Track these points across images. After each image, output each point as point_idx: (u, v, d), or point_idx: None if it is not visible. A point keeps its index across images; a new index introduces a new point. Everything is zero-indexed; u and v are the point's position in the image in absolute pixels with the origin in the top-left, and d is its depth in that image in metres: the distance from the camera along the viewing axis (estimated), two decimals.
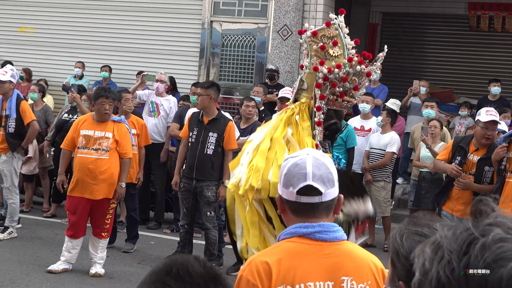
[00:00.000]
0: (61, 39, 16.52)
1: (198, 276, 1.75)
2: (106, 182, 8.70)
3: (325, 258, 2.85)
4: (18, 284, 8.27)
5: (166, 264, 1.80)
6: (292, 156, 2.94)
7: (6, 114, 10.30)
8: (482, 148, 8.07)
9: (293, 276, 2.78)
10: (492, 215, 1.43)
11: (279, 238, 2.94)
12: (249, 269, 2.80)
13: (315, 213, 2.87)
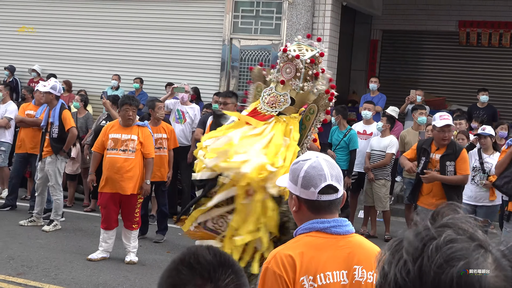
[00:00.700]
0: (99, 54, 16.57)
1: (207, 263, 1.78)
2: (133, 179, 8.74)
3: (340, 250, 2.87)
4: (62, 270, 8.31)
5: (182, 254, 1.84)
6: (303, 160, 2.94)
7: (51, 121, 10.38)
8: (442, 148, 8.30)
9: (314, 267, 2.79)
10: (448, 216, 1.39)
11: (296, 233, 2.93)
12: (274, 261, 2.79)
13: (331, 209, 2.91)
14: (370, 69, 17.89)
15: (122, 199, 8.79)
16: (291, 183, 2.94)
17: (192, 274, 1.77)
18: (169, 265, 1.84)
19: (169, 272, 1.81)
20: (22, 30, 17.50)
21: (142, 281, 8.09)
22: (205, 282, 1.76)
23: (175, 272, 1.79)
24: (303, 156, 3.02)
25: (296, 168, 2.92)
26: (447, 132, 8.20)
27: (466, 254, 1.29)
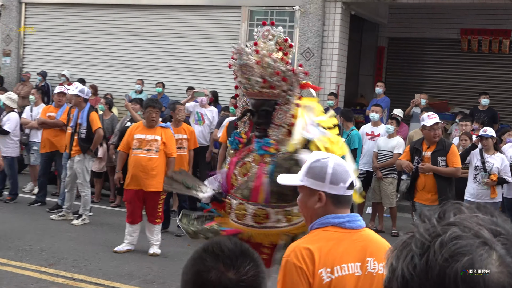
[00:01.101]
0: (124, 60, 16.64)
1: (229, 251, 1.83)
2: (156, 177, 8.75)
3: (354, 243, 2.86)
4: (90, 261, 8.34)
5: (206, 244, 1.89)
6: (322, 158, 2.93)
7: (79, 122, 10.42)
8: (432, 145, 8.51)
9: (332, 259, 2.79)
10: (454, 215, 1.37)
11: (312, 227, 2.92)
12: (294, 254, 2.79)
13: (348, 203, 2.94)
14: (377, 74, 17.84)
15: (146, 195, 8.81)
16: (313, 181, 2.89)
17: (216, 261, 1.81)
18: (193, 255, 1.88)
19: (193, 261, 1.85)
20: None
21: (165, 271, 8.10)
22: (227, 268, 1.80)
23: (200, 260, 1.83)
24: (316, 155, 2.99)
25: (321, 166, 2.88)
26: (437, 130, 8.43)
27: (470, 250, 1.27)
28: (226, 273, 1.79)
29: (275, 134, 5.40)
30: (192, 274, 1.83)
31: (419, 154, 8.56)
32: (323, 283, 2.76)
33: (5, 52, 18.14)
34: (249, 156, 5.43)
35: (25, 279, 7.46)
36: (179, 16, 15.98)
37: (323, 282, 2.77)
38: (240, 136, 5.57)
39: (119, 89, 16.08)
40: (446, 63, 17.55)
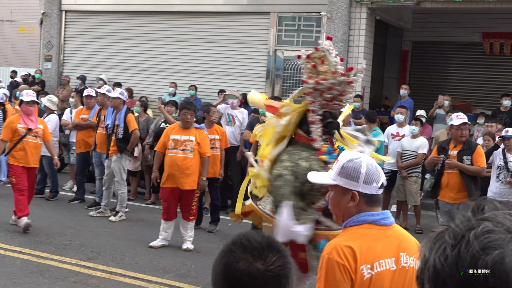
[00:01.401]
0: (158, 65, 16.71)
1: (257, 243, 1.83)
2: (191, 176, 8.75)
3: (388, 239, 2.84)
4: (127, 256, 8.36)
5: (234, 238, 1.90)
6: (355, 158, 2.88)
7: (117, 123, 10.47)
8: (459, 144, 8.44)
9: (371, 256, 2.76)
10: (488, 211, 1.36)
11: (347, 224, 2.88)
12: (336, 252, 2.74)
13: (380, 202, 2.90)
14: (401, 77, 17.67)
15: (181, 193, 8.81)
16: (347, 180, 2.85)
17: (244, 252, 1.81)
18: (222, 248, 1.89)
19: (223, 253, 1.86)
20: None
21: (197, 266, 8.09)
22: (255, 259, 1.80)
23: (229, 252, 1.84)
24: (350, 154, 2.94)
25: (354, 166, 2.84)
26: (464, 130, 8.38)
27: (502, 244, 1.26)
28: (254, 263, 1.80)
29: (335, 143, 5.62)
30: (221, 266, 1.84)
31: (445, 153, 8.49)
32: (364, 279, 2.74)
33: (47, 57, 18.34)
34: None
35: (66, 272, 7.51)
36: (210, 22, 16.00)
37: (364, 278, 2.74)
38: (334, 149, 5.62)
39: (153, 92, 16.16)
40: (469, 66, 17.34)
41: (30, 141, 9.41)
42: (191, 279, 7.54)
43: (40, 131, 9.54)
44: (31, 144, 9.41)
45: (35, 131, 9.45)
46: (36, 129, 9.47)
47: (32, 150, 9.41)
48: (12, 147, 9.34)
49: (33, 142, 9.45)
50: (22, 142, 9.34)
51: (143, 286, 7.19)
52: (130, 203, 11.54)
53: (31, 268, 7.57)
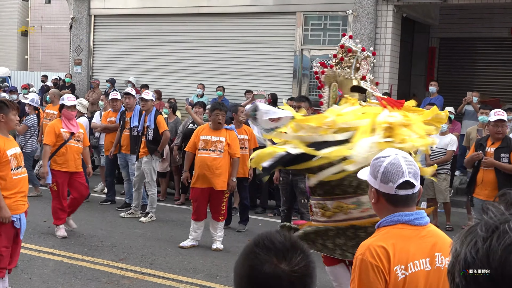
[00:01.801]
0: (186, 66, 16.77)
1: (281, 244, 1.82)
2: (221, 176, 8.73)
3: (423, 239, 2.80)
4: (158, 256, 8.38)
5: (256, 238, 1.88)
6: (383, 156, 2.85)
7: (147, 125, 10.50)
8: (497, 142, 8.24)
9: (405, 256, 2.72)
10: None
11: (380, 224, 2.85)
12: (369, 253, 2.72)
13: (408, 203, 2.83)
14: (428, 74, 17.47)
15: (211, 193, 8.80)
16: (371, 177, 2.87)
17: (269, 254, 1.80)
18: (244, 250, 1.87)
19: (246, 256, 1.84)
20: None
21: (227, 266, 8.07)
22: (280, 260, 1.79)
23: (253, 255, 1.82)
24: (383, 152, 2.91)
25: (376, 164, 2.85)
26: (501, 127, 8.16)
27: None
28: (279, 265, 1.78)
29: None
30: (246, 268, 1.82)
31: (482, 149, 8.34)
32: (398, 280, 2.70)
33: (77, 61, 18.51)
34: None
35: (97, 273, 7.55)
36: (237, 23, 16.00)
37: (398, 279, 2.70)
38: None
39: (181, 93, 16.21)
40: (497, 62, 17.10)
41: (73, 145, 9.30)
42: (221, 279, 7.52)
43: (82, 135, 9.49)
44: (73, 149, 9.29)
45: (77, 135, 9.36)
46: (78, 133, 9.39)
47: (74, 155, 9.30)
48: (54, 152, 9.20)
49: (76, 147, 9.34)
50: (65, 147, 9.22)
51: (174, 286, 7.20)
52: (160, 204, 11.57)
53: (63, 270, 7.62)
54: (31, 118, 12.40)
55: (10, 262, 6.36)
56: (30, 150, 12.33)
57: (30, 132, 12.31)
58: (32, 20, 41.27)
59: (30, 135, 12.33)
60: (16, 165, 6.16)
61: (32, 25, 41.25)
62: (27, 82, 24.99)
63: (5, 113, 6.14)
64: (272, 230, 1.89)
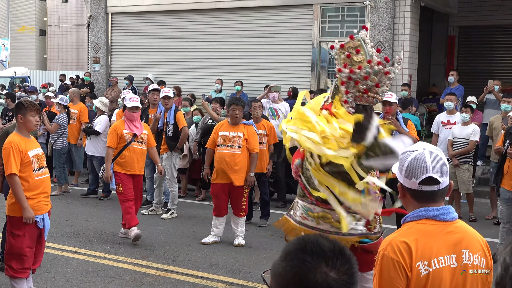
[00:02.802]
0: (203, 62, 16.76)
1: (329, 250, 1.74)
2: (239, 172, 8.70)
3: (448, 235, 2.72)
4: (180, 253, 8.39)
5: (299, 243, 1.77)
6: (411, 150, 2.79)
7: (167, 121, 10.51)
8: None
9: (428, 252, 2.66)
10: None
11: (405, 220, 2.79)
12: (391, 248, 2.66)
13: (434, 199, 2.76)
14: (448, 63, 17.31)
15: (231, 189, 8.79)
16: (398, 172, 2.83)
17: (318, 261, 1.72)
18: (287, 254, 1.77)
19: (291, 262, 1.75)
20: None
21: (250, 261, 8.06)
22: (330, 269, 1.72)
23: (300, 262, 1.73)
24: (412, 146, 2.86)
25: (402, 158, 2.80)
26: None
27: None
28: (329, 273, 1.72)
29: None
30: (293, 275, 1.74)
31: (511, 138, 8.22)
32: (421, 276, 2.64)
33: (95, 59, 18.59)
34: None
35: (121, 271, 7.57)
36: (254, 17, 15.95)
37: (421, 275, 2.64)
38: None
39: (200, 89, 16.21)
40: None
41: (136, 147, 9.00)
42: (244, 275, 7.51)
43: (146, 136, 9.15)
44: (137, 151, 8.99)
45: (140, 137, 9.05)
46: (142, 135, 9.08)
47: (138, 157, 9.00)
48: (118, 154, 8.96)
49: (139, 148, 9.03)
50: (128, 149, 8.95)
51: (197, 283, 7.19)
52: (181, 200, 11.58)
53: (87, 268, 7.66)
54: (61, 117, 12.67)
55: (34, 262, 6.39)
56: (60, 147, 12.66)
57: (61, 130, 12.61)
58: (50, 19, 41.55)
59: (61, 133, 12.61)
60: (38, 166, 6.18)
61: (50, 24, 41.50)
62: (47, 81, 25.15)
63: (23, 114, 6.15)
64: (316, 235, 1.82)
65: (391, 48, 13.95)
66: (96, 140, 12.18)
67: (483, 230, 9.82)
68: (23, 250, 6.15)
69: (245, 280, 7.29)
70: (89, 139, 12.29)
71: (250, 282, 7.22)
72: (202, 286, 7.10)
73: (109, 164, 8.94)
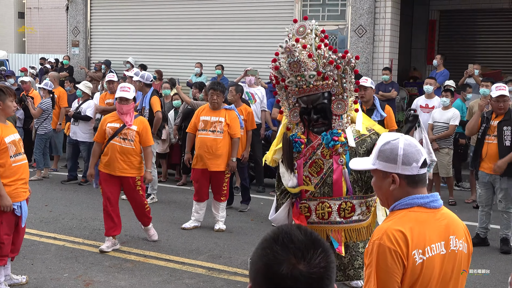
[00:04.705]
0: (184, 45, 16.64)
1: (300, 242, 1.72)
2: (221, 157, 8.67)
3: (438, 222, 2.73)
4: (160, 238, 8.36)
5: (274, 233, 1.77)
6: (392, 139, 2.76)
7: (143, 106, 10.45)
8: (500, 115, 8.18)
9: (423, 240, 2.66)
10: None
11: (395, 207, 2.76)
12: (387, 237, 2.63)
13: (423, 182, 2.78)
14: (429, 47, 17.33)
15: (212, 174, 8.75)
16: (386, 163, 2.75)
17: (287, 253, 1.70)
18: (262, 244, 1.77)
19: (263, 251, 1.74)
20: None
21: (230, 246, 8.06)
22: (298, 260, 1.69)
23: (269, 251, 1.72)
24: (387, 136, 2.82)
25: (391, 148, 2.74)
26: (502, 102, 8.09)
27: None
28: (297, 266, 1.68)
29: (339, 124, 5.27)
30: (262, 265, 1.72)
31: (487, 122, 8.30)
32: (416, 264, 2.64)
33: (74, 43, 18.38)
34: (315, 154, 5.25)
35: (100, 257, 7.53)
36: (234, 0, 15.84)
37: (416, 264, 2.64)
38: (300, 137, 5.37)
39: (180, 73, 16.09)
40: (498, 33, 16.98)
41: (116, 144, 7.74)
42: (224, 260, 7.50)
43: (132, 133, 7.79)
44: (116, 148, 7.72)
45: (124, 132, 7.77)
46: (126, 130, 7.78)
47: (119, 156, 7.73)
48: (103, 150, 7.90)
49: (119, 146, 7.73)
50: (109, 145, 7.77)
51: (177, 268, 7.18)
52: (161, 185, 11.55)
53: (66, 254, 7.61)
54: (45, 102, 12.51)
55: (13, 250, 6.33)
56: (43, 132, 12.50)
57: (45, 115, 12.45)
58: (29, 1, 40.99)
59: (44, 118, 12.45)
60: (15, 152, 6.10)
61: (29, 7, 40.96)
62: (26, 65, 24.86)
63: (2, 100, 6.07)
64: (293, 225, 1.80)
65: (372, 31, 13.93)
66: (84, 125, 11.97)
67: (462, 213, 9.92)
68: (1, 237, 6.09)
69: (225, 265, 7.29)
70: (76, 124, 11.99)
71: (230, 267, 7.22)
72: (182, 271, 7.09)
73: (93, 161, 8.03)
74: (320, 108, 5.26)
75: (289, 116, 5.45)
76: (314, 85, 5.19)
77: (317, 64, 5.16)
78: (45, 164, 12.55)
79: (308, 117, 5.33)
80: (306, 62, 5.10)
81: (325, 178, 5.20)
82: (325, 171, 5.19)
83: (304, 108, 5.33)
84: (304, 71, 5.14)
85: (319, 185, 5.19)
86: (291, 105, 5.44)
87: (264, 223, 9.21)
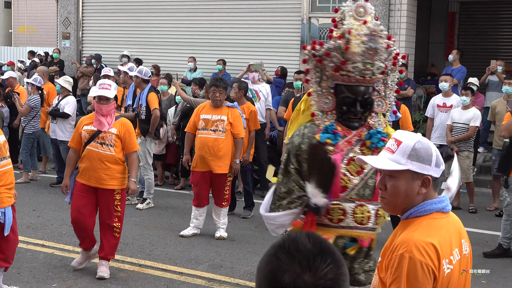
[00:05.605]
0: (183, 39, 16.65)
1: (307, 251, 1.72)
2: (223, 158, 8.66)
3: (453, 227, 2.78)
4: (157, 246, 8.36)
5: (283, 240, 1.78)
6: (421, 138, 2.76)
7: (140, 104, 10.45)
8: None
9: (448, 250, 2.69)
10: None
11: (410, 215, 2.75)
12: (417, 250, 2.62)
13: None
14: (448, 42, 17.30)
15: (213, 177, 8.74)
16: (420, 164, 2.71)
17: (291, 261, 1.70)
18: (269, 250, 1.78)
19: (269, 258, 1.75)
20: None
21: (232, 256, 8.05)
22: (303, 270, 1.68)
23: (275, 258, 1.73)
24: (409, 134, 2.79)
25: (425, 148, 2.72)
26: None
27: None
28: (302, 275, 1.68)
29: (378, 123, 5.11)
30: (266, 273, 1.73)
31: None
32: (445, 275, 2.67)
33: (65, 35, 18.42)
34: (353, 151, 5.07)
35: (91, 266, 7.52)
36: None
37: (445, 275, 2.67)
38: (337, 129, 5.19)
39: (178, 68, 16.10)
40: None
41: (92, 150, 7.04)
42: (225, 270, 7.50)
43: (112, 136, 7.06)
44: (93, 155, 7.03)
45: (101, 136, 7.05)
46: (104, 134, 7.05)
47: (95, 164, 7.03)
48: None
49: (96, 152, 7.04)
50: (85, 151, 7.10)
51: (175, 279, 7.18)
52: (158, 189, 11.55)
53: (54, 263, 7.62)
54: (34, 98, 12.49)
55: (3, 259, 6.29)
56: (31, 131, 12.50)
57: (33, 113, 12.42)
58: None
59: (32, 116, 12.43)
60: None
61: None
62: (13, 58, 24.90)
63: None
64: (303, 232, 1.80)
65: (386, 25, 13.92)
66: (63, 123, 11.94)
67: (483, 222, 9.89)
68: None
69: (227, 276, 7.29)
70: (54, 122, 11.94)
71: (232, 278, 7.22)
72: (180, 282, 7.10)
73: (68, 170, 7.23)
74: (369, 102, 5.10)
75: (318, 102, 5.20)
76: (375, 77, 5.07)
77: (388, 56, 5.04)
78: (33, 165, 12.55)
79: (350, 108, 5.11)
80: (383, 51, 4.98)
81: (366, 179, 5.02)
82: (367, 172, 5.02)
83: (347, 97, 5.13)
84: (376, 61, 5.00)
85: (359, 186, 5.04)
86: (324, 90, 5.19)
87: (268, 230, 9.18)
